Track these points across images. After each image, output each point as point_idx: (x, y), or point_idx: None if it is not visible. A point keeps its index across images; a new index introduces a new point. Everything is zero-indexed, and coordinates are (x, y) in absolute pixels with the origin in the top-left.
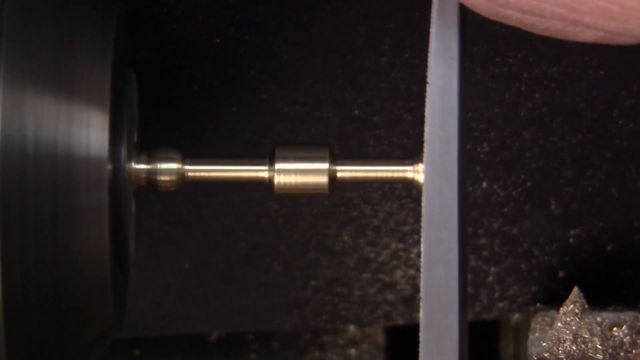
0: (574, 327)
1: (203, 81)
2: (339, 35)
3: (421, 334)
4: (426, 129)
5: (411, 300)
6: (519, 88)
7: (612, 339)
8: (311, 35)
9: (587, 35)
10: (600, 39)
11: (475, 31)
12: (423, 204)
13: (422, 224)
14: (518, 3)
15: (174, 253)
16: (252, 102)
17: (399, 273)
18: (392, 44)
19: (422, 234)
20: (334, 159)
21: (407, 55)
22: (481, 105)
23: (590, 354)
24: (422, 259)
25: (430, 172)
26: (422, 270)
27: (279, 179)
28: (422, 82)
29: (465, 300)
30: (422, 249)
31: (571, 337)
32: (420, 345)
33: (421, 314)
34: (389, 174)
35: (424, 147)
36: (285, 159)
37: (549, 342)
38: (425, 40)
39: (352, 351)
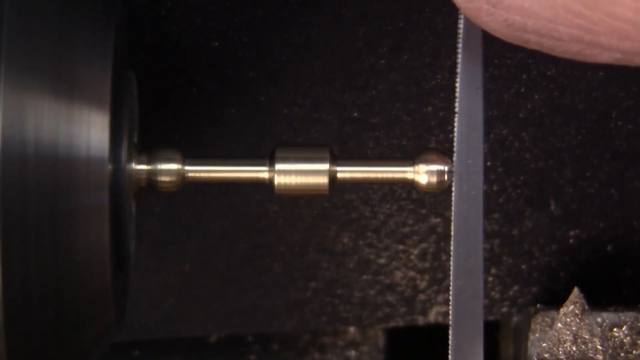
0: (574, 328)
1: (202, 83)
2: (338, 37)
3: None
4: (455, 150)
5: (411, 302)
6: (517, 89)
7: (612, 339)
8: (310, 38)
9: (605, 57)
10: (618, 61)
11: None
12: (454, 212)
13: (453, 235)
14: (535, 26)
15: (174, 254)
16: (251, 104)
17: (399, 275)
18: (390, 46)
19: (453, 244)
20: (334, 160)
21: (405, 57)
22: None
23: (591, 355)
24: (452, 265)
25: (459, 185)
26: (452, 276)
27: (279, 180)
28: (421, 84)
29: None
30: (452, 257)
31: (571, 338)
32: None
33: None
34: (389, 175)
35: (454, 166)
36: (286, 160)
37: (549, 343)
38: (422, 42)
39: (352, 353)
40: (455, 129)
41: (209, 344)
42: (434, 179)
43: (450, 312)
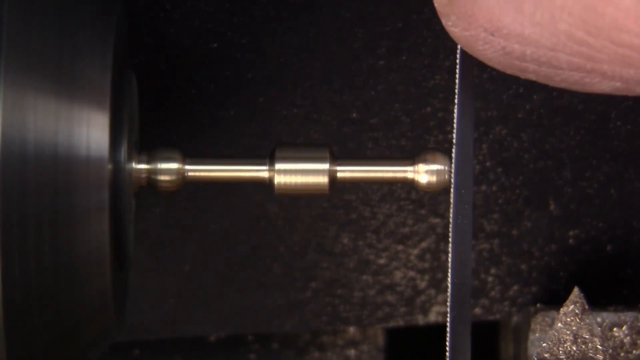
0: (574, 328)
1: (201, 85)
2: (336, 38)
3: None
4: (453, 170)
5: (411, 302)
6: (516, 90)
7: (612, 339)
8: (308, 39)
9: (604, 86)
10: (617, 90)
11: None
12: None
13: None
14: (534, 55)
15: (174, 255)
16: (250, 106)
17: (398, 275)
18: (389, 47)
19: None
20: (334, 159)
21: (404, 57)
22: (479, 107)
23: (591, 355)
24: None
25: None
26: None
27: (279, 179)
28: (419, 84)
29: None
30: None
31: (571, 338)
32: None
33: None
34: (389, 175)
35: (451, 188)
36: (286, 159)
37: (550, 343)
38: (421, 42)
39: (352, 352)
40: (454, 149)
41: (209, 343)
42: (433, 179)
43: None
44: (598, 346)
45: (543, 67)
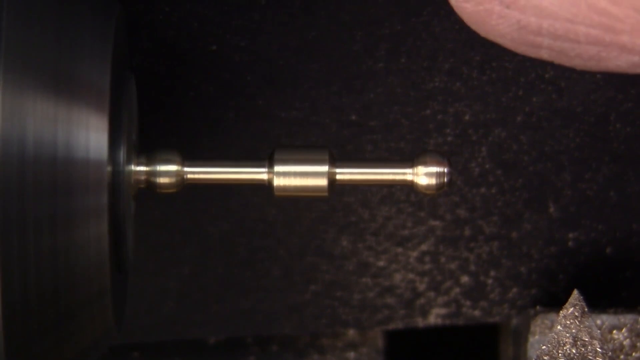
0: (573, 330)
1: (199, 87)
2: (335, 41)
3: None
4: None
5: (410, 304)
6: (515, 92)
7: (612, 341)
8: (307, 41)
9: (621, 61)
10: (633, 66)
11: (471, 36)
12: None
13: None
14: (551, 28)
15: (173, 258)
16: (248, 108)
17: (397, 277)
18: (388, 50)
19: None
20: (334, 162)
21: (403, 60)
22: (478, 110)
23: (590, 357)
24: None
25: None
26: None
27: (278, 182)
28: (418, 87)
29: None
30: None
31: (571, 340)
32: None
33: None
34: (389, 177)
35: None
36: (285, 162)
37: (549, 345)
38: (420, 45)
39: (351, 354)
40: None
41: (208, 346)
42: (433, 181)
43: None
44: (597, 349)
45: (558, 42)
